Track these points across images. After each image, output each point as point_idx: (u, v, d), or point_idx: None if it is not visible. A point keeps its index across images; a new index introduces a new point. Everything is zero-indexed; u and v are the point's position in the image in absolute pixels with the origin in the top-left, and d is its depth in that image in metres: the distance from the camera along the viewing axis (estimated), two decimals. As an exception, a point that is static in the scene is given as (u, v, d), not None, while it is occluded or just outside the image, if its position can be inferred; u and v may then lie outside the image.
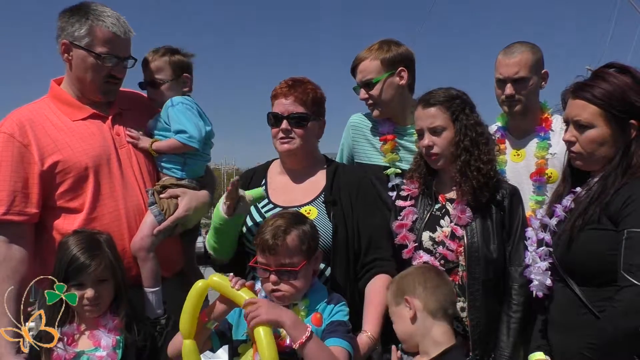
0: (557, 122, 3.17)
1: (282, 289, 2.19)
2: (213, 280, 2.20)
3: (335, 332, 2.18)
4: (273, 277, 2.20)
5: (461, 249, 2.54)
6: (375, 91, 3.16)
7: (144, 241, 2.67)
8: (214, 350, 2.36)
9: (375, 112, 3.23)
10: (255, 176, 2.82)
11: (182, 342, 2.20)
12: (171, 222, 2.73)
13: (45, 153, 2.57)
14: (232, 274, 2.25)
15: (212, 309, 2.23)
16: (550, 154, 3.11)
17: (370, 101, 3.20)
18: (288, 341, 2.14)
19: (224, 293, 2.18)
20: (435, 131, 2.58)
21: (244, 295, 2.12)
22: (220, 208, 2.53)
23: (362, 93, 3.20)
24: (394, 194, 2.87)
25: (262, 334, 2.03)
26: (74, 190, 2.60)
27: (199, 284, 2.21)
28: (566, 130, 2.38)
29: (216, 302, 2.24)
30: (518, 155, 3.22)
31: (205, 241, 2.78)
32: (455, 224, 2.58)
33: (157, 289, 2.71)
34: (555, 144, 3.09)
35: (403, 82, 3.17)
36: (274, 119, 2.64)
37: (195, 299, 2.19)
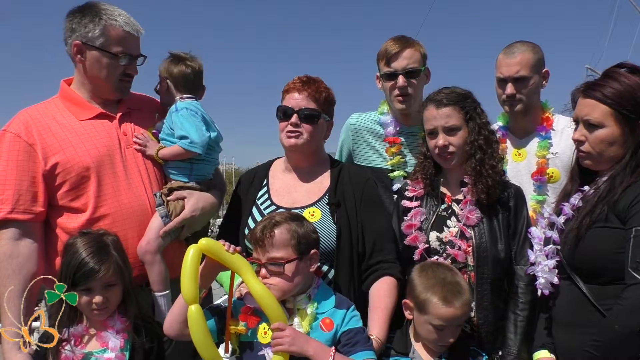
0: (558, 121, 3.18)
1: (271, 282, 2.15)
2: (208, 242, 2.10)
3: (358, 344, 2.18)
4: (263, 271, 2.17)
5: (469, 249, 2.53)
6: (418, 81, 3.08)
7: (150, 245, 2.64)
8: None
9: (402, 106, 3.11)
10: (257, 178, 2.79)
11: (188, 309, 2.07)
12: (177, 222, 2.70)
13: (49, 153, 2.57)
14: (223, 240, 2.19)
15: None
16: (552, 153, 3.12)
17: (403, 91, 3.08)
18: None
19: (217, 256, 2.12)
20: (450, 130, 2.57)
21: (237, 261, 2.09)
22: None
23: (402, 80, 3.06)
24: (396, 196, 2.84)
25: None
26: (76, 190, 2.59)
27: (192, 249, 2.09)
28: (576, 130, 2.39)
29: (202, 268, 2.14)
30: (519, 154, 3.23)
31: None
32: (463, 224, 2.56)
33: (166, 292, 2.67)
34: (557, 144, 3.11)
35: (428, 80, 3.18)
36: (284, 113, 2.62)
37: (194, 261, 2.07)
